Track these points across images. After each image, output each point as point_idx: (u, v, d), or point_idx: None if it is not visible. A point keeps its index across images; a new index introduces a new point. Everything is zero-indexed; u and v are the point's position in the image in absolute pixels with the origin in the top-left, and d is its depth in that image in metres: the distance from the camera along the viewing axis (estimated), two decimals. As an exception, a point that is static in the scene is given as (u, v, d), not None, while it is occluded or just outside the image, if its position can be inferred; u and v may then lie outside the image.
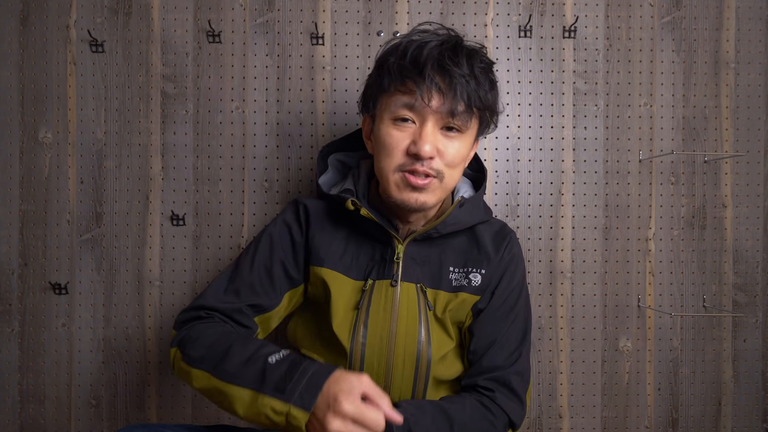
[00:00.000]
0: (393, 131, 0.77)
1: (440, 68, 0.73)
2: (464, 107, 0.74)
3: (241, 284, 0.83)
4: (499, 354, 0.82)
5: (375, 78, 0.80)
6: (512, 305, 0.85)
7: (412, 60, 0.74)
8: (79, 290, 1.13)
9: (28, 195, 1.13)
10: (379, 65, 0.80)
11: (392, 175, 0.77)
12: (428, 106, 0.74)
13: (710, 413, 1.18)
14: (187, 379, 0.74)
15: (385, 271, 0.82)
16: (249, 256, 0.85)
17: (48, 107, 1.13)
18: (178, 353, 0.76)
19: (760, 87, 1.18)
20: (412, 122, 0.76)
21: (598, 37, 1.17)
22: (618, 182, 1.17)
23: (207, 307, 0.81)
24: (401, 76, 0.75)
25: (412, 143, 0.75)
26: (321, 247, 0.83)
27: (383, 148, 0.78)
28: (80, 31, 1.13)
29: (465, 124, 0.76)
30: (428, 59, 0.73)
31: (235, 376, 0.68)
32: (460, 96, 0.74)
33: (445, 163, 0.76)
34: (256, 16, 1.15)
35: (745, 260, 1.18)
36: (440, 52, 0.74)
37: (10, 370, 1.13)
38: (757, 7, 1.18)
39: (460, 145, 0.77)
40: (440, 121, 0.75)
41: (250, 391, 0.66)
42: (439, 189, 0.78)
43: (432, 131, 0.75)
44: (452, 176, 0.79)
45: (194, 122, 1.14)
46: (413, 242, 0.83)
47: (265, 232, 0.87)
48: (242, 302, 0.81)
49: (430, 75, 0.73)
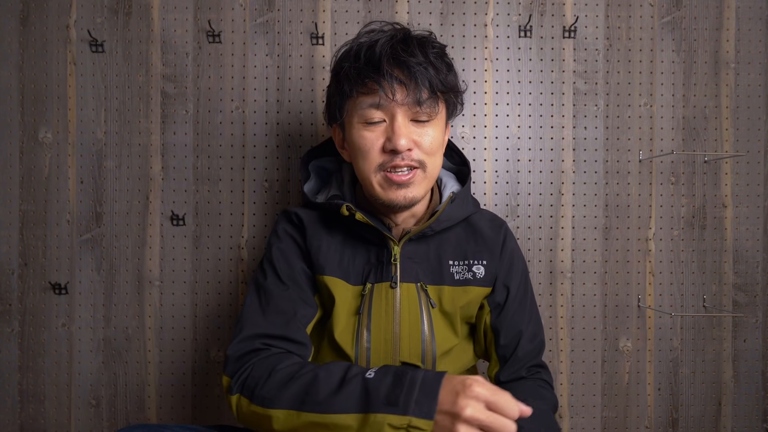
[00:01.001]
0: (365, 133, 0.77)
1: (396, 61, 0.74)
2: (428, 93, 0.75)
3: (277, 302, 0.79)
4: (529, 342, 0.86)
5: (335, 87, 0.80)
6: (525, 291, 0.88)
7: (367, 60, 0.75)
8: (79, 290, 1.13)
9: (28, 195, 1.13)
10: (335, 73, 0.80)
11: (374, 176, 0.78)
12: (393, 100, 0.74)
13: (710, 413, 1.18)
14: (263, 423, 0.67)
15: (383, 273, 0.82)
16: (270, 274, 0.82)
17: (48, 107, 1.13)
18: (243, 400, 0.69)
19: (760, 87, 1.18)
20: (382, 121, 0.76)
21: (598, 37, 1.17)
22: (618, 182, 1.17)
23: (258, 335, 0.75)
24: (360, 77, 0.75)
25: (386, 140, 0.76)
26: (320, 254, 0.82)
27: (359, 151, 0.78)
28: (80, 31, 1.13)
29: (433, 110, 0.77)
30: (382, 55, 0.74)
31: (332, 405, 0.62)
32: (422, 83, 0.74)
33: (424, 152, 0.77)
34: (256, 16, 1.15)
35: (745, 260, 1.18)
36: (392, 46, 0.75)
37: (10, 370, 1.13)
38: (757, 7, 1.18)
39: (434, 132, 0.78)
40: (409, 113, 0.76)
41: (356, 415, 0.60)
42: (425, 180, 0.79)
43: (404, 123, 0.76)
44: (434, 164, 0.79)
45: (194, 122, 1.14)
46: (408, 242, 0.82)
47: (272, 248, 0.84)
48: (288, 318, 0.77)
49: (388, 70, 0.74)
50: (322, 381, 0.64)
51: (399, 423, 0.58)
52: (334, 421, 0.61)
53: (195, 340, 1.14)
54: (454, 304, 0.83)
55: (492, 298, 0.85)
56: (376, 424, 0.59)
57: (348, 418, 0.61)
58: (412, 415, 0.57)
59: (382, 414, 0.59)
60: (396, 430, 0.58)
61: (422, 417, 0.57)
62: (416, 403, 0.58)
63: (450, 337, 0.83)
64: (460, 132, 1.16)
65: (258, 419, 0.67)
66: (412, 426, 0.57)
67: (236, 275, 1.14)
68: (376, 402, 0.60)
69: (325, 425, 0.62)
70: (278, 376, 0.68)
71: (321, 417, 0.62)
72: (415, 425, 0.57)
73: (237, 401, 0.70)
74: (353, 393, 0.62)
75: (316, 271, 0.82)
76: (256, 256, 1.14)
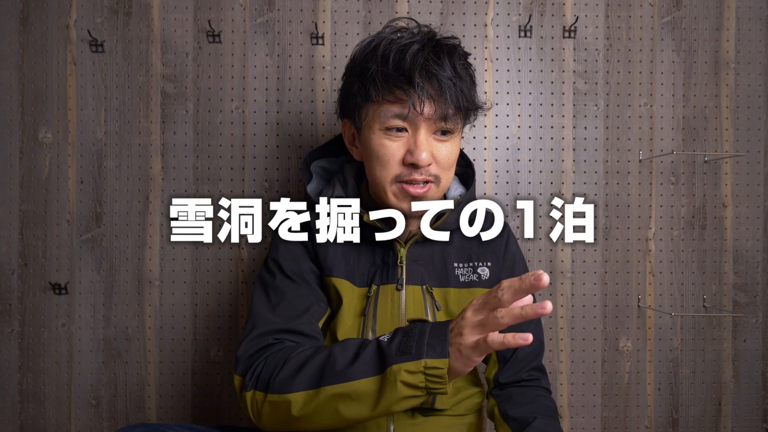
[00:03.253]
0: (386, 142, 0.76)
1: (428, 74, 0.73)
2: (454, 110, 0.75)
3: (288, 298, 0.78)
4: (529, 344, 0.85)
5: (358, 87, 0.77)
6: None
7: (396, 67, 0.73)
8: (79, 290, 1.13)
9: (28, 195, 1.13)
10: (358, 73, 0.77)
11: (389, 186, 0.77)
12: (421, 114, 0.73)
13: (710, 413, 1.18)
14: (282, 411, 0.66)
15: (388, 275, 0.81)
16: (278, 273, 0.81)
17: (48, 107, 1.13)
18: (258, 394, 0.68)
19: (760, 87, 1.18)
20: (405, 131, 0.75)
21: (598, 37, 1.17)
22: (618, 182, 1.17)
23: (269, 332, 0.74)
24: (388, 85, 0.73)
25: (408, 153, 0.75)
26: (327, 256, 0.82)
27: (377, 159, 0.77)
28: (80, 31, 1.13)
29: (456, 125, 0.77)
30: (414, 66, 0.72)
31: (351, 373, 0.62)
32: (451, 100, 0.73)
33: (441, 167, 0.77)
34: (256, 16, 1.15)
35: (745, 260, 1.18)
36: (425, 57, 0.73)
37: (10, 370, 1.13)
38: (757, 7, 1.18)
39: (452, 147, 0.78)
40: (433, 127, 0.75)
41: (375, 377, 0.60)
42: (437, 193, 0.79)
43: (426, 137, 0.75)
44: (447, 178, 0.79)
45: (194, 122, 1.14)
46: (414, 244, 0.82)
47: (279, 247, 0.83)
48: (300, 313, 0.77)
49: (419, 83, 0.72)
50: (337, 355, 0.64)
51: (415, 368, 0.58)
52: (354, 389, 0.61)
53: (195, 340, 1.14)
54: (460, 307, 0.83)
55: None
56: (392, 376, 0.59)
57: (368, 382, 0.61)
58: (427, 358, 0.58)
59: (397, 364, 0.59)
60: (413, 375, 0.58)
61: (437, 357, 0.58)
62: (428, 346, 0.59)
63: None
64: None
65: (276, 410, 0.66)
66: (428, 367, 0.58)
67: (236, 275, 1.14)
68: (389, 357, 0.60)
69: (347, 395, 0.62)
70: (293, 362, 0.67)
71: (341, 387, 0.62)
72: (431, 365, 0.58)
73: (252, 398, 0.68)
74: (369, 357, 0.62)
75: (324, 272, 0.82)
76: (256, 256, 1.14)
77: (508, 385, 0.85)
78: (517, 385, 0.85)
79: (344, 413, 0.63)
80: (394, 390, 0.59)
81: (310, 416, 0.65)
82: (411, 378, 0.59)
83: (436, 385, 0.59)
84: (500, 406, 0.83)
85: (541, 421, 0.77)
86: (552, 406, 0.83)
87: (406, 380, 0.59)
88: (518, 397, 0.83)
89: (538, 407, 0.80)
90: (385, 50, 0.74)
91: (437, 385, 0.59)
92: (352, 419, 0.63)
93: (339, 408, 0.63)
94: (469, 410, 0.86)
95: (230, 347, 1.15)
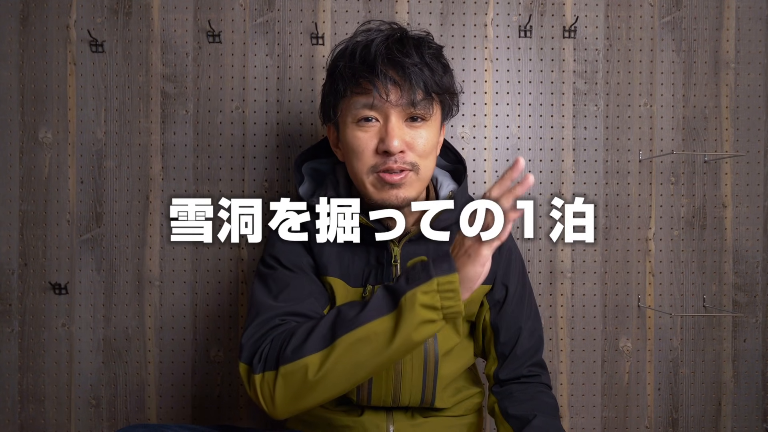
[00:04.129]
0: (358, 133, 0.76)
1: (391, 61, 0.73)
2: (423, 95, 0.74)
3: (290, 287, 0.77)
4: (528, 339, 0.86)
5: (330, 86, 0.80)
6: (523, 287, 0.88)
7: (362, 59, 0.74)
8: (79, 290, 1.13)
9: (28, 195, 1.13)
10: (330, 72, 0.80)
11: (367, 177, 0.77)
12: (387, 101, 0.73)
13: (710, 413, 1.18)
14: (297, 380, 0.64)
15: (383, 275, 0.81)
16: (277, 266, 0.80)
17: (48, 107, 1.13)
18: (268, 374, 0.66)
19: (760, 87, 1.18)
20: (375, 120, 0.76)
21: (598, 37, 1.17)
22: (618, 182, 1.17)
23: (273, 317, 0.72)
24: (354, 77, 0.74)
25: (380, 142, 0.75)
26: (323, 255, 0.82)
27: (352, 151, 0.77)
28: (80, 31, 1.13)
29: (428, 111, 0.76)
30: (377, 55, 0.73)
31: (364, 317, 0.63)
32: (417, 84, 0.73)
33: (417, 154, 0.76)
34: (256, 16, 1.15)
35: (745, 260, 1.18)
36: (387, 47, 0.74)
37: (10, 370, 1.13)
38: (757, 7, 1.18)
39: (428, 134, 0.77)
40: (403, 114, 0.75)
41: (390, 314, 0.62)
42: (417, 181, 0.78)
43: (397, 125, 0.75)
44: (426, 166, 0.78)
45: (194, 122, 1.14)
46: (408, 242, 0.82)
47: (276, 243, 0.82)
48: (303, 299, 0.76)
49: (383, 70, 0.73)
50: (345, 309, 0.66)
51: (429, 288, 0.61)
52: (373, 329, 0.62)
53: (195, 340, 1.14)
54: None
55: (491, 295, 0.86)
56: (408, 302, 0.61)
57: (384, 320, 0.62)
58: (437, 276, 0.61)
59: (411, 290, 0.61)
60: (428, 295, 0.61)
61: (446, 273, 0.61)
62: (436, 268, 0.62)
63: (452, 336, 0.83)
64: (460, 132, 1.16)
65: (291, 382, 0.64)
66: (441, 283, 0.61)
67: (236, 275, 1.14)
68: (401, 289, 0.62)
69: (365, 338, 0.62)
70: (300, 331, 0.67)
71: (356, 332, 0.63)
72: (444, 281, 0.61)
73: (261, 381, 0.66)
74: (380, 298, 0.64)
75: (320, 271, 0.82)
76: (256, 256, 1.14)
77: (508, 382, 0.85)
78: (517, 382, 0.85)
79: (363, 359, 0.63)
80: (412, 315, 0.61)
81: (328, 376, 0.63)
82: (427, 298, 0.61)
83: (450, 302, 0.61)
84: (500, 404, 0.83)
85: (542, 419, 0.77)
86: (552, 402, 0.83)
87: (423, 301, 0.61)
88: (518, 394, 0.83)
89: (539, 404, 0.81)
90: (353, 48, 0.76)
91: (451, 302, 0.61)
92: (372, 365, 0.64)
93: (357, 355, 0.63)
94: (469, 410, 0.86)
95: (230, 347, 1.15)
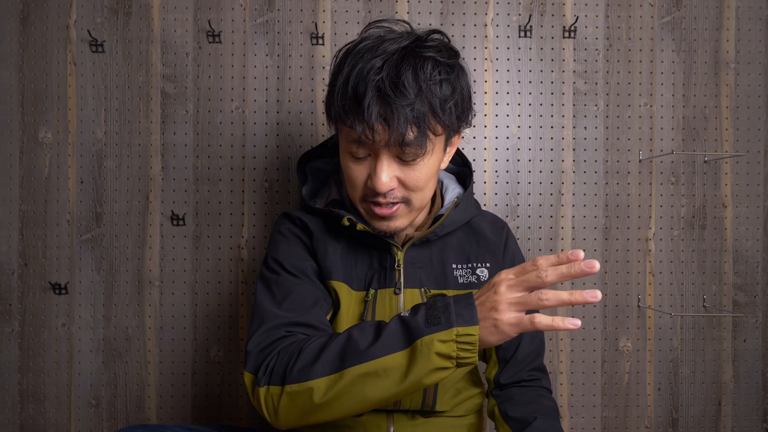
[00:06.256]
0: (351, 164, 0.74)
1: (380, 99, 0.67)
2: (416, 134, 0.68)
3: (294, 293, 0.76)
4: (529, 344, 0.85)
5: (327, 101, 0.76)
6: None
7: (353, 92, 0.68)
8: (79, 290, 1.13)
9: (28, 195, 1.13)
10: (330, 84, 0.74)
11: (360, 205, 0.77)
12: (374, 142, 0.69)
13: (710, 413, 1.18)
14: (302, 402, 0.63)
15: (386, 279, 0.80)
16: (281, 270, 0.79)
17: (48, 107, 1.13)
18: (273, 389, 0.64)
19: (760, 87, 1.18)
20: (367, 156, 0.72)
21: (598, 37, 1.17)
22: (618, 182, 1.17)
23: (279, 326, 0.71)
24: (343, 111, 0.70)
25: (369, 178, 0.73)
26: (326, 259, 0.81)
27: (347, 178, 0.76)
28: (80, 31, 1.13)
29: (421, 149, 0.70)
30: (367, 90, 0.67)
31: (377, 351, 0.60)
32: (407, 124, 0.67)
33: (410, 189, 0.73)
34: (256, 16, 1.15)
35: (745, 260, 1.18)
36: (380, 80, 0.67)
37: (10, 370, 1.13)
38: (757, 7, 1.18)
39: (423, 169, 0.72)
40: (393, 151, 0.70)
41: (404, 351, 0.59)
42: (410, 213, 0.77)
43: (387, 163, 0.71)
44: (421, 198, 0.76)
45: (194, 122, 1.14)
46: (412, 247, 0.81)
47: (279, 246, 0.82)
48: (308, 307, 0.75)
49: (371, 108, 0.66)
50: (357, 336, 0.63)
51: (447, 337, 0.58)
52: (383, 365, 0.60)
53: (195, 340, 1.14)
54: None
55: None
56: (425, 347, 0.58)
57: (396, 357, 0.60)
58: (457, 326, 0.58)
59: (429, 336, 0.58)
60: (445, 344, 0.58)
61: (467, 325, 0.58)
62: (457, 316, 0.59)
63: None
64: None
65: (296, 401, 0.63)
66: (460, 335, 0.58)
67: (236, 275, 1.14)
68: (418, 330, 0.59)
69: (374, 373, 0.60)
70: (309, 350, 0.64)
71: (367, 366, 0.60)
72: (463, 332, 0.58)
73: (266, 393, 0.65)
74: (394, 332, 0.61)
75: (324, 275, 0.81)
76: (256, 256, 1.14)
77: (508, 386, 0.85)
78: (517, 386, 0.85)
79: (370, 393, 0.61)
80: (427, 361, 0.59)
81: (333, 402, 0.62)
82: (444, 347, 0.58)
83: (466, 354, 0.59)
84: (500, 406, 0.83)
85: (542, 421, 0.77)
86: (553, 406, 0.83)
87: (440, 350, 0.58)
88: (519, 397, 0.83)
89: (539, 407, 0.80)
90: (348, 71, 0.70)
91: (468, 354, 0.59)
92: (378, 398, 0.62)
93: (365, 388, 0.61)
94: (470, 411, 0.86)
95: (230, 347, 1.15)
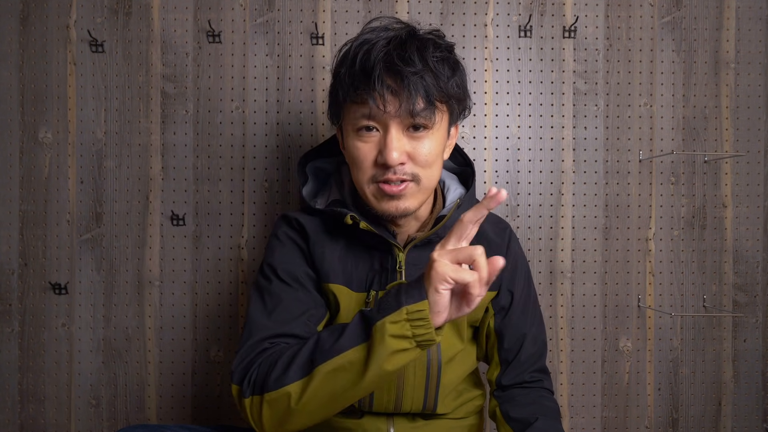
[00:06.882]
0: (358, 143, 0.74)
1: (389, 69, 0.70)
2: (424, 103, 0.71)
3: (285, 303, 0.77)
4: (532, 345, 0.85)
5: (332, 91, 0.78)
6: (528, 293, 0.88)
7: (361, 67, 0.71)
8: (79, 290, 1.13)
9: (28, 195, 1.13)
10: (334, 76, 0.77)
11: (367, 187, 0.76)
12: (385, 112, 0.70)
13: (710, 413, 1.18)
14: (281, 408, 0.66)
15: (387, 281, 0.80)
16: (274, 278, 0.79)
17: (48, 107, 1.13)
18: (256, 398, 0.67)
19: (760, 87, 1.18)
20: (375, 130, 0.73)
21: (598, 37, 1.17)
22: (618, 182, 1.17)
23: (264, 338, 0.73)
24: (353, 87, 0.72)
25: (379, 153, 0.73)
26: (324, 262, 0.80)
27: (353, 161, 0.76)
28: (80, 31, 1.13)
29: (430, 120, 0.72)
30: (376, 63, 0.70)
31: (340, 347, 0.63)
32: (416, 93, 0.70)
33: (419, 165, 0.74)
34: (256, 16, 1.15)
35: (745, 260, 1.18)
36: (387, 53, 0.70)
37: (10, 370, 1.13)
38: (757, 7, 1.18)
39: (431, 143, 0.74)
40: (403, 123, 0.72)
41: (362, 344, 0.62)
42: (418, 192, 0.76)
43: (397, 136, 0.72)
44: (429, 176, 0.76)
45: (194, 122, 1.14)
46: (413, 248, 0.80)
47: (274, 252, 0.82)
48: (296, 316, 0.76)
49: (380, 79, 0.69)
50: (325, 337, 0.66)
51: (397, 317, 0.59)
52: (348, 359, 0.62)
53: (195, 340, 1.15)
54: None
55: (496, 301, 0.85)
56: (378, 333, 0.60)
57: (357, 350, 0.62)
58: (406, 305, 0.59)
59: (380, 320, 0.60)
60: (397, 324, 0.59)
61: (416, 301, 0.59)
62: (406, 295, 0.60)
63: (455, 343, 0.82)
64: (460, 132, 1.16)
65: (275, 408, 0.66)
66: (410, 312, 0.59)
67: (236, 275, 1.14)
68: (372, 318, 0.61)
69: (341, 367, 0.63)
70: (284, 358, 0.68)
71: (334, 361, 0.63)
72: (413, 310, 0.59)
73: (250, 404, 0.68)
74: (354, 327, 0.63)
75: (322, 278, 0.80)
76: (256, 256, 1.14)
77: (510, 387, 0.85)
78: (519, 387, 0.85)
79: (340, 389, 0.63)
80: (382, 345, 0.60)
81: (309, 403, 0.64)
82: (396, 328, 0.59)
83: (421, 330, 0.59)
84: (502, 407, 0.83)
85: (543, 421, 0.77)
86: (554, 407, 0.82)
87: (393, 332, 0.59)
88: (520, 398, 0.83)
89: (540, 408, 0.80)
90: (355, 51, 0.73)
91: (423, 330, 0.59)
92: (349, 393, 0.64)
93: (335, 385, 0.63)
94: (470, 413, 0.86)
95: (230, 347, 1.15)
